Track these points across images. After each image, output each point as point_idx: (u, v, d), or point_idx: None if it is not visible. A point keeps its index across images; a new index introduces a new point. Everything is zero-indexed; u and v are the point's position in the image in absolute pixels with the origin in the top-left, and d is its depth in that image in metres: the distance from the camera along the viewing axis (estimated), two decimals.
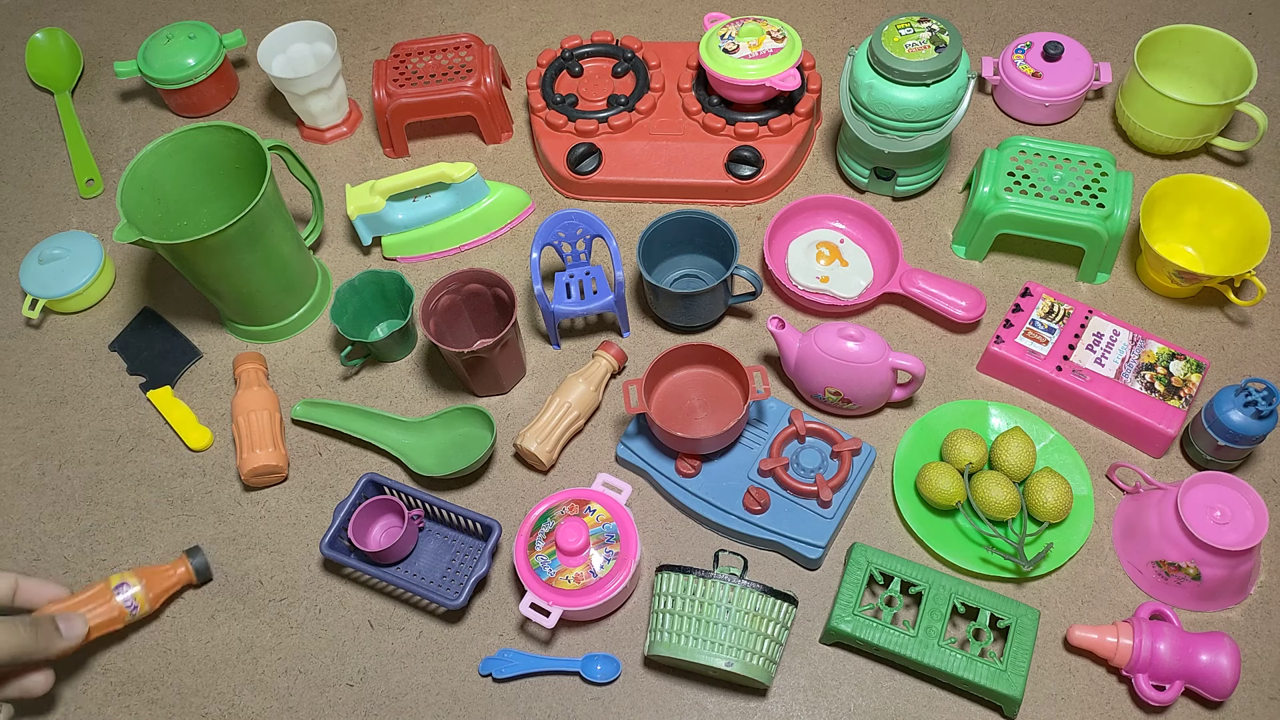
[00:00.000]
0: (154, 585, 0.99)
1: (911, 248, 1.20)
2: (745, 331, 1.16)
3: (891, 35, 1.10)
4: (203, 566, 1.02)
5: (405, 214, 1.21)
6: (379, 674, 0.99)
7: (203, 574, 1.02)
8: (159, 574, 1.00)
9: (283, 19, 1.49)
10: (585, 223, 1.12)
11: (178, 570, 1.01)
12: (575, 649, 0.99)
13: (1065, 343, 1.08)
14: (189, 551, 1.02)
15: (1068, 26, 1.39)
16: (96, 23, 1.52)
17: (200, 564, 1.02)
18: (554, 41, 1.43)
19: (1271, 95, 1.31)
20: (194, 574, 1.02)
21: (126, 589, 0.97)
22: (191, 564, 1.01)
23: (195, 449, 1.12)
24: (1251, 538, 0.92)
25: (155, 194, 1.10)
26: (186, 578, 1.02)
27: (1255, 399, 0.96)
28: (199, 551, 1.02)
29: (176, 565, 1.01)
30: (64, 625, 0.91)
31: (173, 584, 1.01)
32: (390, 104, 1.26)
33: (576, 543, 0.93)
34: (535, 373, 1.15)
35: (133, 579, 0.98)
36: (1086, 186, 1.12)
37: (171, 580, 1.01)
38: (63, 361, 1.20)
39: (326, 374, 1.17)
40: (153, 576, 0.99)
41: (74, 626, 0.92)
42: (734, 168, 1.22)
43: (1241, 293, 1.14)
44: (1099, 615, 0.98)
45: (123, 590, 0.97)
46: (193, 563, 1.01)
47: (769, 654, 0.91)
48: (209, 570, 1.02)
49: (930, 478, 1.00)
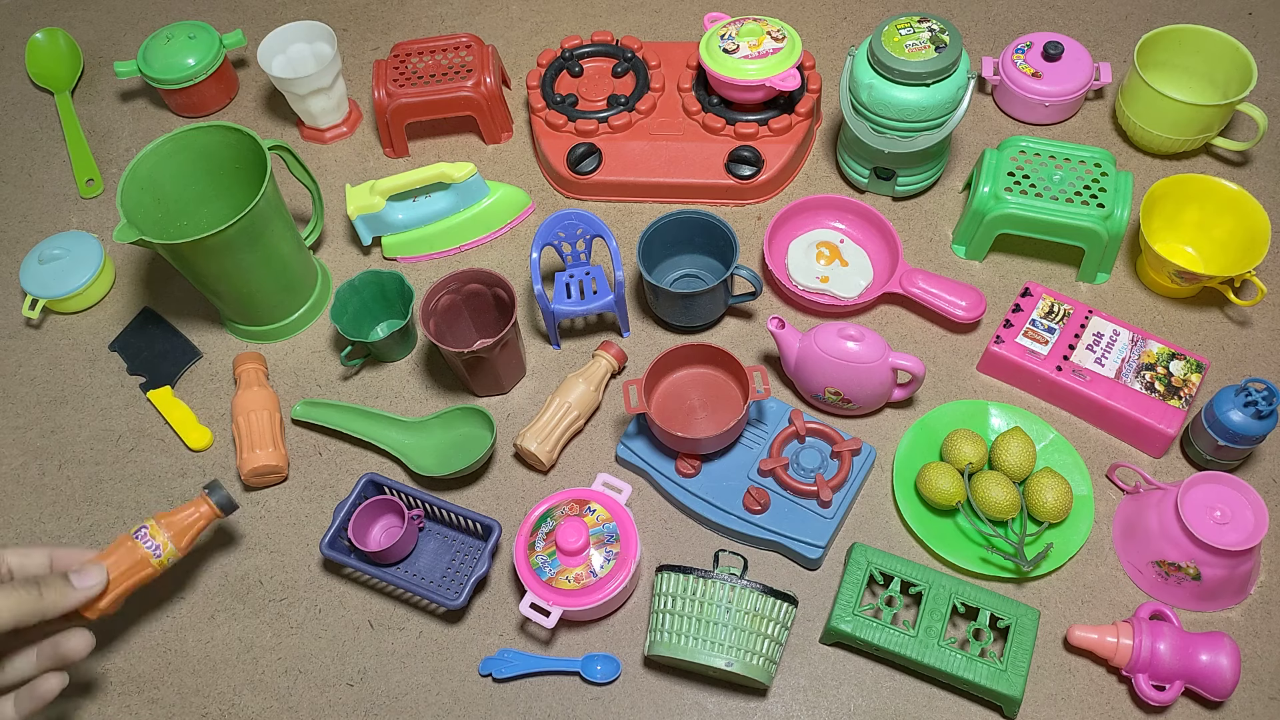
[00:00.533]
0: (176, 527, 0.94)
1: (911, 248, 1.20)
2: (745, 331, 1.16)
3: (891, 35, 1.10)
4: (225, 500, 0.96)
5: (405, 214, 1.21)
6: (379, 674, 0.99)
7: (226, 506, 0.96)
8: (182, 519, 0.94)
9: (283, 19, 1.49)
10: (585, 223, 1.12)
11: (200, 508, 0.95)
12: (575, 649, 0.99)
13: (1065, 343, 1.08)
14: (208, 488, 0.96)
15: (1068, 26, 1.39)
16: (96, 23, 1.52)
17: (222, 498, 0.96)
18: (554, 41, 1.43)
19: (1271, 95, 1.31)
20: (217, 509, 0.96)
21: (148, 537, 0.92)
22: (213, 500, 0.96)
23: (195, 449, 1.12)
24: (1251, 538, 0.92)
25: (155, 194, 1.10)
26: (210, 514, 0.96)
27: (1255, 399, 0.96)
28: (218, 485, 0.96)
29: (198, 504, 0.96)
30: (76, 578, 0.84)
31: (197, 522, 0.95)
32: (390, 104, 1.26)
33: (576, 543, 0.93)
34: (535, 373, 1.15)
35: (156, 528, 0.93)
36: (1086, 186, 1.12)
37: (195, 519, 0.95)
38: (63, 361, 1.20)
39: (326, 374, 1.17)
40: (174, 519, 0.94)
41: (86, 577, 0.84)
42: (734, 168, 1.22)
43: (1241, 293, 1.14)
44: (1099, 615, 0.98)
45: (144, 538, 0.91)
46: (214, 499, 0.96)
47: (769, 654, 0.91)
48: (232, 502, 0.96)
49: (930, 478, 1.00)
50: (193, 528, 0.95)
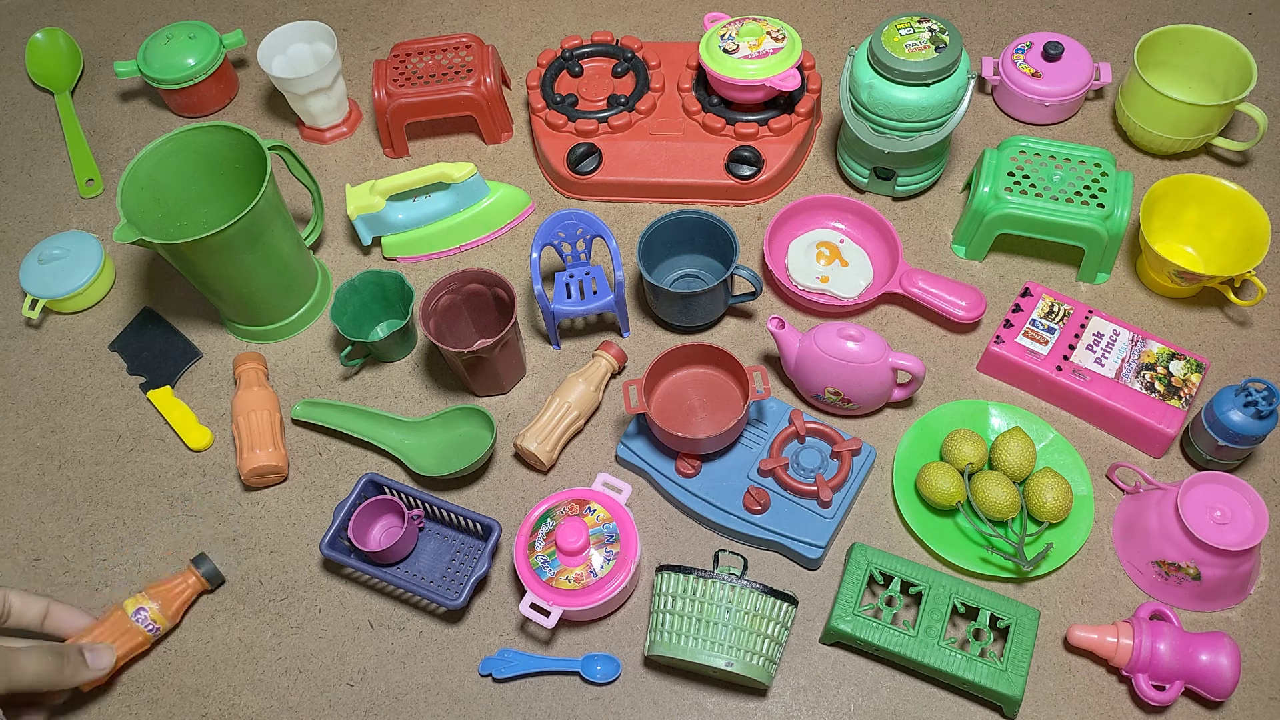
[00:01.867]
0: (169, 602, 0.99)
1: (911, 248, 1.20)
2: (745, 331, 1.16)
3: (891, 35, 1.10)
4: (212, 573, 1.01)
5: (405, 214, 1.21)
6: (379, 674, 0.99)
7: (214, 579, 1.02)
8: (170, 589, 1.00)
9: (283, 19, 1.49)
10: (585, 223, 1.12)
11: (188, 580, 1.01)
12: (575, 649, 0.99)
13: (1065, 343, 1.08)
14: (195, 561, 1.01)
15: (1068, 26, 1.39)
16: (96, 23, 1.52)
17: (209, 570, 1.01)
18: (554, 41, 1.43)
19: (1271, 95, 1.31)
20: (205, 581, 1.01)
21: (143, 612, 0.98)
22: (200, 572, 1.01)
23: (195, 449, 1.12)
24: (1251, 538, 0.92)
25: (155, 194, 1.10)
26: (199, 586, 1.01)
27: (1255, 399, 0.96)
28: (205, 559, 1.01)
29: (186, 576, 1.01)
30: (91, 656, 0.92)
31: (186, 594, 1.01)
32: (390, 104, 1.26)
33: (576, 543, 0.93)
34: (535, 373, 1.15)
35: (147, 601, 0.98)
36: (1086, 186, 1.12)
37: (183, 590, 1.00)
38: (63, 361, 1.20)
39: (326, 374, 1.17)
40: (166, 594, 0.99)
41: (100, 658, 0.93)
42: (734, 168, 1.22)
43: (1241, 293, 1.14)
44: (1099, 615, 0.98)
45: (140, 615, 0.97)
46: (201, 571, 1.01)
47: (769, 654, 0.91)
48: (219, 575, 1.02)
49: (930, 478, 1.00)
50: (179, 597, 1.00)
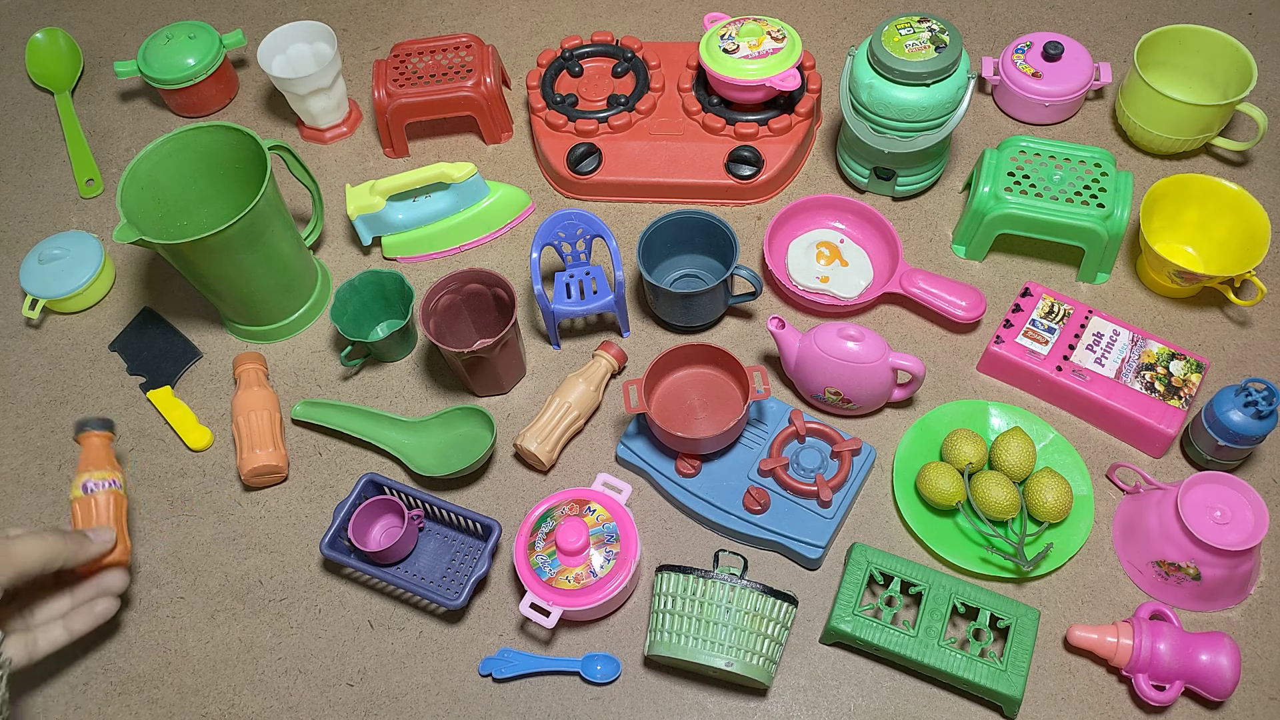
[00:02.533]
0: (97, 464, 1.00)
1: (911, 248, 1.20)
2: (745, 331, 1.16)
3: (891, 35, 1.10)
4: (96, 422, 1.01)
5: (405, 214, 1.21)
6: (379, 674, 0.99)
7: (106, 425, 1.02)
8: (86, 457, 1.00)
9: (283, 19, 1.49)
10: (585, 223, 1.12)
11: (91, 442, 1.01)
12: (575, 649, 0.99)
13: (1065, 343, 1.08)
14: (77, 427, 1.01)
15: (1068, 26, 1.39)
16: (96, 23, 1.52)
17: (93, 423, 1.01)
18: (554, 41, 1.43)
19: (1271, 95, 1.31)
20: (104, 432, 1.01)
21: (89, 484, 0.99)
22: (91, 430, 1.01)
23: (195, 449, 1.12)
24: (1251, 538, 0.92)
25: (155, 194, 1.10)
26: (101, 440, 1.01)
27: (1255, 399, 0.96)
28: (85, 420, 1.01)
29: (87, 440, 1.01)
30: (91, 534, 0.94)
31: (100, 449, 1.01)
32: (390, 104, 1.26)
33: (576, 543, 0.93)
34: (535, 373, 1.15)
35: (81, 477, 0.99)
36: (1086, 186, 1.12)
37: (97, 449, 1.01)
38: (63, 361, 1.20)
39: (326, 374, 1.17)
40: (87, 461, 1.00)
41: (101, 533, 0.95)
42: (734, 168, 1.22)
43: (1241, 293, 1.14)
44: (1099, 615, 0.98)
45: (88, 487, 0.98)
46: (91, 429, 1.01)
47: (769, 654, 0.91)
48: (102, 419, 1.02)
49: (930, 478, 1.00)
50: (96, 455, 1.01)
